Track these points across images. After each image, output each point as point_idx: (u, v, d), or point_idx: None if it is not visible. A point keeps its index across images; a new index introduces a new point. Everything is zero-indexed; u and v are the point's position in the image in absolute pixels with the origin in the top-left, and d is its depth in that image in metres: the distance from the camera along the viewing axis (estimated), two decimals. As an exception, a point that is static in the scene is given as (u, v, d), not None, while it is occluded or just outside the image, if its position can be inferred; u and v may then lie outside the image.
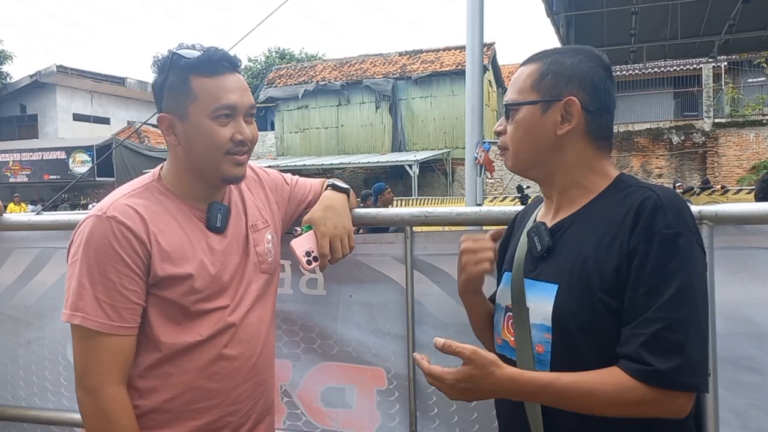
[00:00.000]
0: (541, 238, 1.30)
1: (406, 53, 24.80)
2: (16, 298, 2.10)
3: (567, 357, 1.20)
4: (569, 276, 1.21)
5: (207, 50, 1.45)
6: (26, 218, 2.10)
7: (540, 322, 1.24)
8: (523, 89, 1.31)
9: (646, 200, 1.16)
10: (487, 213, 1.75)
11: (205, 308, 1.47)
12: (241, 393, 1.53)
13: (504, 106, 1.36)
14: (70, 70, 24.76)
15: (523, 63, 1.36)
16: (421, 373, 1.76)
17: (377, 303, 1.84)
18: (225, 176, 1.49)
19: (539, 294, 1.26)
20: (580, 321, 1.18)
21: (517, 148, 1.33)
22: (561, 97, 1.27)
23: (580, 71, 1.27)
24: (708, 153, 19.22)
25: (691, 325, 1.10)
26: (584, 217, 1.27)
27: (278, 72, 26.89)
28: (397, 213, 1.87)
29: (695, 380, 1.10)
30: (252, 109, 1.51)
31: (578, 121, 1.26)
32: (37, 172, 20.25)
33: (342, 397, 1.89)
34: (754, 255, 1.46)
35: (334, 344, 1.88)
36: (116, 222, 1.38)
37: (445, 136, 22.52)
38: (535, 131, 1.30)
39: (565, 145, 1.29)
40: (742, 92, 20.85)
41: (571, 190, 1.31)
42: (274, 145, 25.15)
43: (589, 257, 1.19)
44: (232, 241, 1.55)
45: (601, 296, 1.16)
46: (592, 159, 1.30)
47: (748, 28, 9.05)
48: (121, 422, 1.38)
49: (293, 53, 33.07)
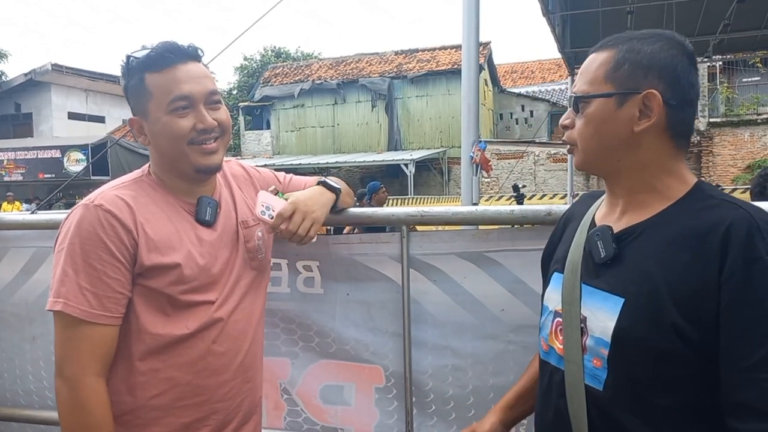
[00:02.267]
0: (606, 244, 1.17)
1: (402, 52, 24.81)
2: (16, 295, 2.11)
3: (622, 377, 1.11)
4: (637, 291, 1.09)
5: (156, 46, 1.45)
6: (21, 217, 2.09)
7: (598, 335, 1.13)
8: (596, 80, 1.17)
9: (738, 221, 1.03)
10: (482, 212, 1.75)
11: (193, 300, 1.45)
12: (228, 390, 1.52)
13: (572, 99, 1.22)
14: (65, 68, 24.66)
15: (594, 50, 1.21)
16: (418, 370, 1.81)
17: (374, 301, 1.84)
18: (196, 167, 1.48)
19: (600, 304, 1.14)
20: (645, 343, 1.07)
21: (586, 146, 1.20)
22: (639, 89, 1.12)
23: (661, 60, 1.12)
24: (703, 152, 19.28)
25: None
26: (658, 227, 1.13)
27: (274, 71, 26.86)
28: (393, 212, 1.87)
29: None
30: (213, 95, 1.48)
31: (658, 117, 1.12)
32: (32, 170, 20.17)
33: (341, 395, 1.90)
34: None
35: (332, 342, 1.89)
36: (103, 210, 1.38)
37: (441, 135, 22.55)
38: (609, 127, 1.15)
39: (642, 142, 1.14)
40: (737, 92, 20.91)
41: (643, 193, 1.17)
42: (270, 144, 25.12)
43: (664, 275, 1.07)
44: (222, 235, 1.54)
45: (675, 320, 1.04)
46: (669, 159, 1.16)
47: (742, 28, 9.08)
48: (96, 414, 1.36)
49: (289, 52, 33.02)
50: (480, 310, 1.73)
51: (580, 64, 1.26)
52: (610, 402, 1.13)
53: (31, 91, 25.18)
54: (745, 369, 0.98)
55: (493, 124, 25.19)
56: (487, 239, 1.74)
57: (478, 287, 1.73)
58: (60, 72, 24.49)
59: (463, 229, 1.80)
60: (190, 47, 1.47)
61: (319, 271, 1.88)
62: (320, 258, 1.88)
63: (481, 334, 1.73)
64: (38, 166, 20.11)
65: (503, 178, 19.23)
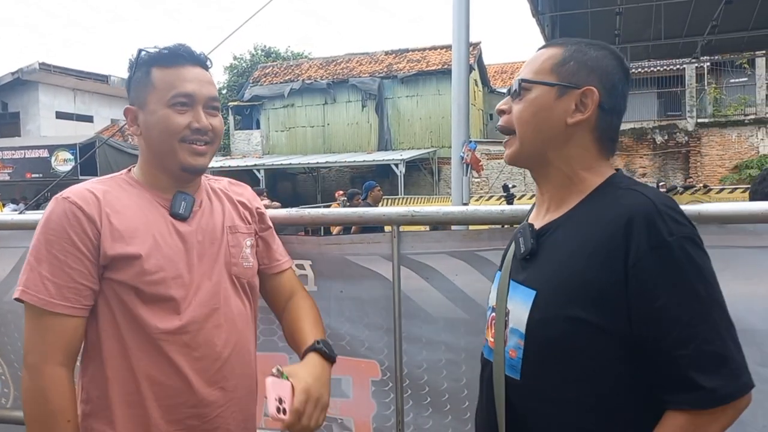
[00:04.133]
0: (526, 240, 1.25)
1: (393, 52, 24.82)
2: (10, 293, 2.09)
3: (537, 367, 1.16)
4: (548, 284, 1.16)
5: (169, 45, 1.50)
6: (9, 218, 2.09)
7: (516, 326, 1.20)
8: (542, 70, 1.24)
9: (640, 208, 1.09)
10: (473, 212, 1.76)
11: (159, 293, 1.43)
12: (204, 397, 1.48)
13: (515, 83, 1.27)
14: (53, 67, 24.47)
15: (542, 47, 1.29)
16: (413, 365, 1.84)
17: (368, 298, 1.86)
18: (183, 165, 1.49)
19: (519, 298, 1.21)
20: (553, 333, 1.13)
21: (522, 131, 1.25)
22: (580, 85, 1.20)
23: (604, 66, 1.22)
24: (691, 152, 19.41)
25: (722, 327, 1.04)
26: (571, 221, 1.20)
27: (264, 70, 26.79)
28: (383, 212, 1.87)
29: (746, 380, 1.05)
30: (213, 101, 1.52)
31: (591, 115, 1.20)
32: (19, 170, 20.00)
33: (339, 387, 1.93)
34: (736, 254, 1.48)
35: (328, 338, 1.89)
36: (69, 203, 1.41)
37: (432, 135, 22.57)
38: (546, 115, 1.22)
39: (572, 137, 1.22)
40: (725, 92, 21.07)
41: (563, 189, 1.25)
42: (260, 143, 25.05)
43: (571, 267, 1.13)
44: (198, 232, 1.52)
45: (581, 311, 1.09)
46: (593, 158, 1.23)
47: (730, 29, 9.15)
48: (54, 402, 1.37)
49: (279, 51, 32.94)
50: (472, 306, 1.74)
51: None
52: (527, 391, 1.18)
53: (18, 90, 24.97)
54: (666, 347, 1.04)
55: (483, 124, 25.25)
56: (478, 239, 1.75)
57: (469, 284, 1.75)
58: (47, 71, 24.30)
59: (455, 230, 1.81)
60: (201, 54, 1.53)
61: (311, 269, 1.89)
62: (312, 258, 1.89)
63: (474, 329, 1.74)
64: (26, 166, 19.93)
65: (493, 178, 19.28)
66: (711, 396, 1.02)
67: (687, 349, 1.03)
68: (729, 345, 1.04)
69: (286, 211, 2.04)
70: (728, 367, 1.03)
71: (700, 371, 1.02)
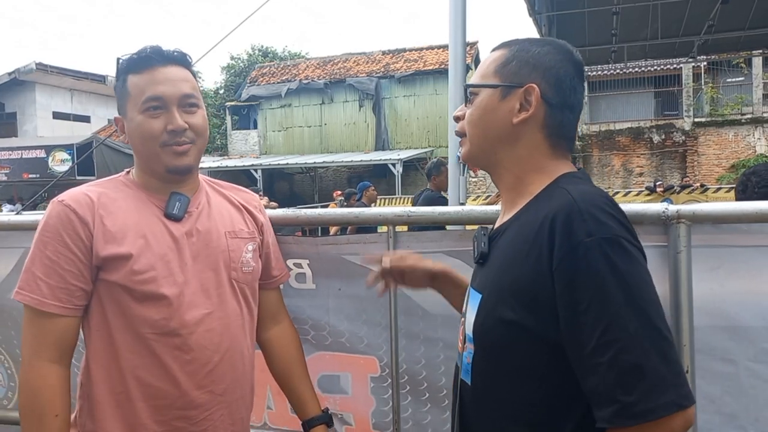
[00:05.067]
0: (478, 245, 1.25)
1: (390, 52, 24.81)
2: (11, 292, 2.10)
3: (482, 371, 1.16)
4: (490, 287, 1.15)
5: (141, 49, 1.51)
6: (6, 218, 2.10)
7: (468, 332, 1.20)
8: (486, 73, 1.24)
9: (561, 208, 1.05)
10: (469, 212, 1.76)
11: (151, 291, 1.44)
12: (193, 399, 1.49)
13: (464, 90, 1.30)
14: (50, 67, 24.39)
15: (492, 49, 1.29)
16: (411, 361, 1.86)
17: (366, 296, 1.86)
18: (167, 167, 1.51)
19: (471, 303, 1.21)
20: (491, 336, 1.13)
21: (471, 135, 1.26)
22: (522, 84, 1.19)
23: (546, 62, 1.19)
24: (688, 152, 19.44)
25: (645, 337, 0.95)
26: (516, 223, 1.18)
27: (261, 70, 26.76)
28: (379, 212, 1.88)
29: (672, 397, 0.94)
30: (189, 98, 1.50)
31: (536, 112, 1.18)
32: (16, 170, 19.95)
33: (338, 384, 1.95)
34: (730, 252, 1.49)
35: (327, 335, 1.93)
36: (63, 206, 1.45)
37: (429, 135, 22.56)
38: (492, 117, 1.22)
39: (519, 137, 1.20)
40: (722, 92, 21.09)
41: (514, 191, 1.23)
42: (257, 143, 25.02)
43: (507, 269, 1.12)
44: (192, 233, 1.53)
45: (514, 314, 1.07)
46: (544, 158, 1.21)
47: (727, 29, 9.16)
48: (44, 396, 1.41)
49: (276, 51, 32.90)
50: None
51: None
52: (475, 395, 1.18)
53: (15, 90, 24.89)
54: (585, 356, 0.99)
55: (481, 124, 25.20)
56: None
57: None
58: (44, 71, 24.23)
59: (451, 230, 1.82)
60: (175, 52, 1.51)
61: (309, 268, 1.91)
62: (310, 258, 1.90)
63: None
64: (23, 166, 19.89)
65: (490, 178, 19.28)
66: (627, 412, 0.94)
67: (603, 358, 0.96)
68: (651, 356, 0.94)
69: (282, 211, 2.05)
70: (647, 380, 0.93)
71: (617, 383, 0.95)
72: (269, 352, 1.76)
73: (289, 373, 1.75)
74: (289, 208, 2.12)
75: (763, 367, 1.48)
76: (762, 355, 1.48)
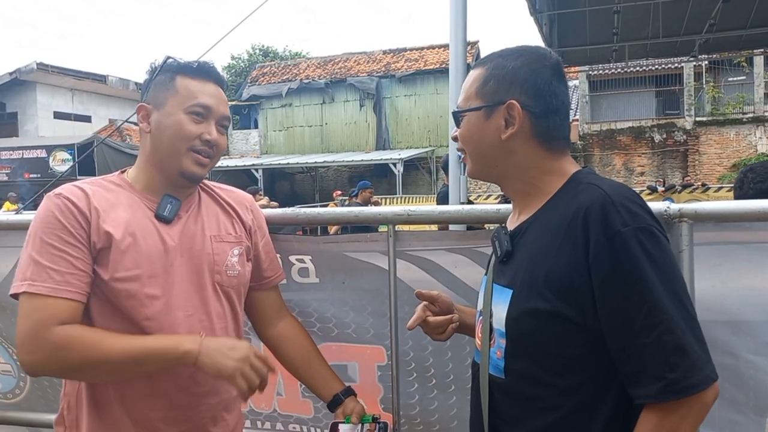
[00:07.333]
0: (501, 243, 1.29)
1: (390, 51, 24.82)
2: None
3: (516, 363, 1.20)
4: (521, 281, 1.19)
5: (198, 59, 1.60)
6: (5, 218, 2.09)
7: (498, 327, 1.23)
8: (469, 96, 1.31)
9: (594, 201, 1.11)
10: (469, 211, 1.76)
11: (134, 290, 1.45)
12: (173, 401, 1.51)
13: (452, 115, 1.36)
14: (51, 67, 24.41)
15: (472, 68, 1.34)
16: (418, 349, 1.88)
17: (370, 288, 1.88)
18: (183, 171, 1.53)
19: (500, 299, 1.24)
20: (526, 328, 1.17)
21: (468, 150, 1.33)
22: (503, 101, 1.24)
23: (522, 74, 1.24)
24: (689, 151, 19.44)
25: (680, 318, 1.04)
26: (539, 220, 1.24)
27: (262, 70, 26.79)
28: (379, 211, 1.88)
29: (708, 372, 1.05)
30: (225, 121, 1.60)
31: (522, 125, 1.24)
32: (17, 170, 19.97)
33: (345, 373, 1.97)
34: (732, 250, 1.53)
35: (333, 327, 1.95)
36: (61, 197, 1.45)
37: (429, 135, 22.58)
38: (481, 137, 1.28)
39: (514, 149, 1.26)
40: (723, 91, 21.07)
41: (528, 193, 1.29)
42: (258, 143, 25.04)
43: (539, 262, 1.16)
44: (181, 235, 1.54)
45: (550, 305, 1.12)
46: (545, 160, 1.26)
47: (728, 28, 9.15)
48: (88, 337, 1.38)
49: (277, 51, 32.93)
50: (472, 294, 1.74)
51: (568, 63, 1.30)
52: (509, 389, 1.22)
53: (16, 90, 24.91)
54: (629, 339, 1.06)
55: (482, 124, 25.21)
56: (475, 237, 1.77)
57: (469, 275, 1.77)
58: (45, 71, 24.25)
59: (453, 230, 1.82)
60: (223, 77, 1.64)
61: (312, 263, 1.92)
62: (312, 254, 1.92)
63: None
64: (24, 166, 19.92)
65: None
66: (673, 387, 1.03)
67: (649, 338, 1.04)
68: (688, 337, 1.04)
69: (282, 210, 2.06)
70: (689, 358, 1.03)
71: (661, 362, 1.03)
72: (281, 346, 1.78)
73: (309, 359, 1.77)
74: (289, 208, 2.12)
75: (763, 359, 1.53)
76: (762, 348, 1.52)
